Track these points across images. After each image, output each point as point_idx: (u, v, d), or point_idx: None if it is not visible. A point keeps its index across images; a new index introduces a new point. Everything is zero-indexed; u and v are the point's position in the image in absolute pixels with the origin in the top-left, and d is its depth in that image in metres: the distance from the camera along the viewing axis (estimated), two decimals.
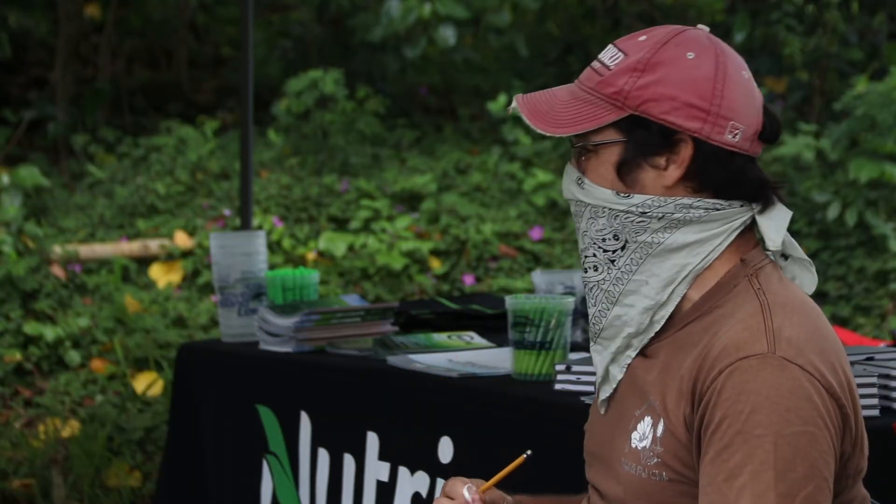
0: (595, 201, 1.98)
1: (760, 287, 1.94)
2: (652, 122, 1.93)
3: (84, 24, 9.58)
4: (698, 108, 1.92)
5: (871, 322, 6.33)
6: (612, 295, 1.99)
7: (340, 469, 3.20)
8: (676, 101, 1.92)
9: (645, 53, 1.94)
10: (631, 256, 1.97)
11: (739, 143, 1.94)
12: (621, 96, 1.93)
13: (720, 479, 1.82)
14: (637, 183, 1.95)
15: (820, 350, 1.87)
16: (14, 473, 5.12)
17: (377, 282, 6.86)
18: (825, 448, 1.83)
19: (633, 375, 2.01)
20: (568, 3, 9.57)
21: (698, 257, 1.96)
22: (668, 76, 1.93)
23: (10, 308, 6.11)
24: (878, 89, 6.70)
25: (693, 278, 1.96)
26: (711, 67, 1.94)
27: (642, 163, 1.94)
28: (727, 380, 1.84)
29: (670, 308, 1.97)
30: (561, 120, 1.96)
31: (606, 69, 1.96)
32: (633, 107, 1.93)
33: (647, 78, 1.93)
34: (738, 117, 1.94)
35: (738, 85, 1.95)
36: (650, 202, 1.94)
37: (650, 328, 1.98)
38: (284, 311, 3.41)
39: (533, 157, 7.76)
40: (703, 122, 1.92)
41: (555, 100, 1.99)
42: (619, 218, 1.96)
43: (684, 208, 1.94)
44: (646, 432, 1.95)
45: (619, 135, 1.95)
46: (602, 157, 1.97)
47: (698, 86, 1.93)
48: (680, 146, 1.93)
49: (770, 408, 1.81)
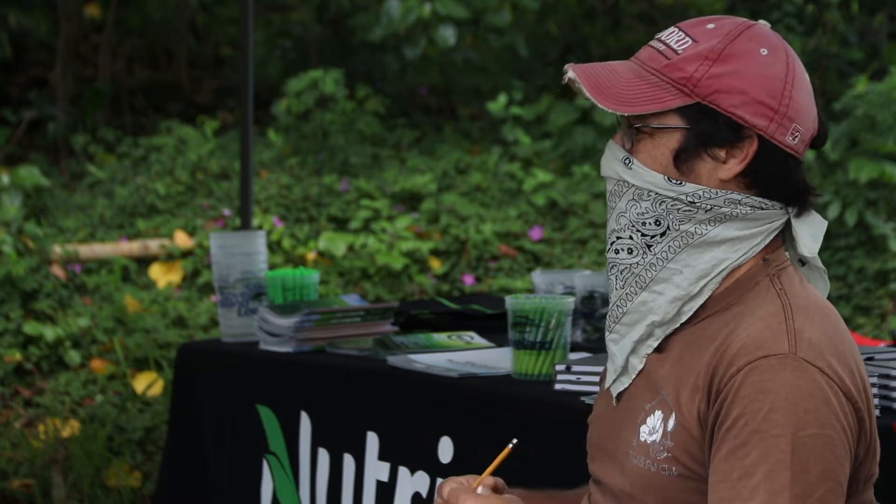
0: (642, 183, 1.95)
1: (783, 288, 1.93)
2: (720, 114, 1.91)
3: (84, 24, 9.58)
4: (767, 106, 1.90)
5: (871, 322, 6.34)
6: (643, 280, 1.97)
7: (340, 469, 3.20)
8: (747, 96, 1.90)
9: (718, 43, 1.92)
10: (669, 244, 1.95)
11: (796, 146, 1.93)
12: (690, 83, 1.91)
13: (734, 476, 1.81)
14: (692, 172, 1.93)
15: (839, 353, 1.87)
16: (14, 473, 5.12)
17: (377, 282, 6.86)
18: (841, 451, 1.83)
19: (646, 368, 2.00)
20: (568, 3, 9.58)
21: (737, 254, 1.95)
22: (742, 69, 1.90)
23: (10, 308, 6.11)
24: (878, 89, 6.70)
25: (727, 274, 1.95)
26: (783, 67, 1.92)
27: (702, 152, 1.92)
28: (746, 377, 1.83)
29: (700, 301, 1.95)
30: (624, 97, 1.92)
31: (674, 52, 1.93)
32: (702, 95, 1.91)
33: (720, 68, 1.90)
34: (801, 120, 1.93)
35: (803, 88, 1.94)
36: (702, 193, 1.93)
37: (676, 319, 1.96)
38: (284, 311, 3.41)
39: (533, 157, 7.76)
40: (770, 121, 1.91)
41: (616, 76, 1.95)
42: (665, 204, 1.94)
43: (732, 203, 1.93)
44: (656, 426, 1.94)
45: (682, 121, 1.92)
46: (659, 140, 1.94)
47: (770, 83, 1.91)
48: (745, 142, 1.91)
49: (788, 408, 1.81)
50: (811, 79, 1.99)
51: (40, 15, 9.60)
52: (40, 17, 9.62)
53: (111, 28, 9.30)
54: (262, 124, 8.38)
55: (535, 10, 8.89)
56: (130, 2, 9.68)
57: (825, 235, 2.03)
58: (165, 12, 9.96)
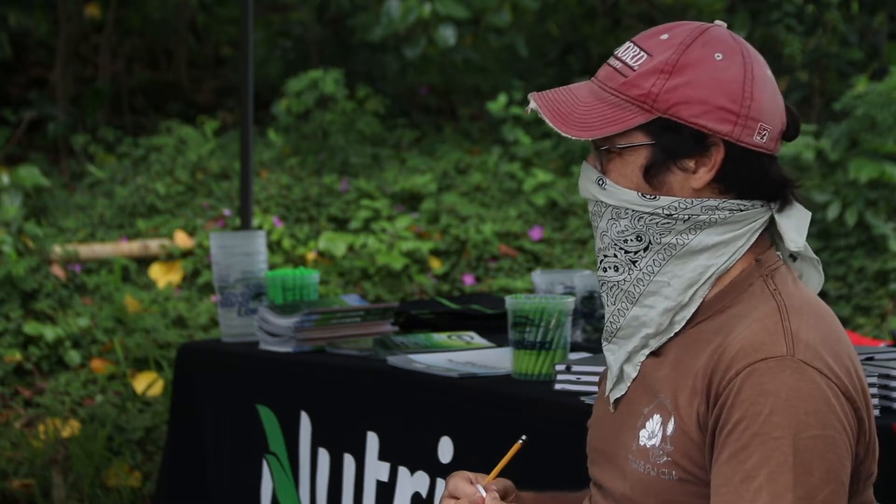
0: (618, 202, 1.96)
1: (776, 288, 1.93)
2: (682, 126, 1.91)
3: (84, 24, 9.58)
4: (728, 111, 1.90)
5: (871, 322, 6.33)
6: (633, 295, 1.98)
7: (340, 469, 3.20)
8: (707, 105, 1.90)
9: (672, 54, 1.92)
10: (654, 258, 1.96)
11: (766, 144, 1.93)
12: (649, 99, 1.91)
13: (737, 479, 1.81)
14: (664, 185, 1.93)
15: (835, 353, 1.87)
16: (14, 473, 5.12)
17: (377, 282, 6.86)
18: (842, 452, 1.83)
19: (643, 372, 2.00)
20: (568, 3, 9.57)
21: (722, 258, 1.95)
22: (698, 78, 1.90)
23: (10, 308, 6.11)
24: (878, 89, 6.70)
25: (715, 280, 1.95)
26: (740, 68, 1.92)
27: (671, 165, 1.93)
28: (745, 380, 1.83)
29: (692, 309, 1.96)
30: (585, 122, 1.93)
31: (630, 70, 1.93)
32: (662, 110, 1.91)
33: (676, 80, 1.91)
34: (766, 118, 1.93)
35: (764, 85, 1.94)
36: (677, 204, 1.93)
37: (669, 329, 1.97)
38: (284, 311, 3.41)
39: (533, 157, 7.76)
40: (734, 125, 1.91)
41: (576, 100, 1.95)
42: (643, 219, 1.95)
43: (710, 210, 1.93)
44: (655, 430, 1.94)
45: (646, 138, 1.92)
46: (627, 159, 1.94)
47: (728, 88, 1.91)
48: (711, 150, 1.91)
49: (789, 410, 1.81)
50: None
51: (40, 15, 9.59)
52: (40, 17, 9.62)
53: (111, 28, 9.29)
54: (262, 124, 8.38)
55: (535, 10, 8.89)
56: (130, 2, 9.68)
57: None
58: (165, 12, 9.95)
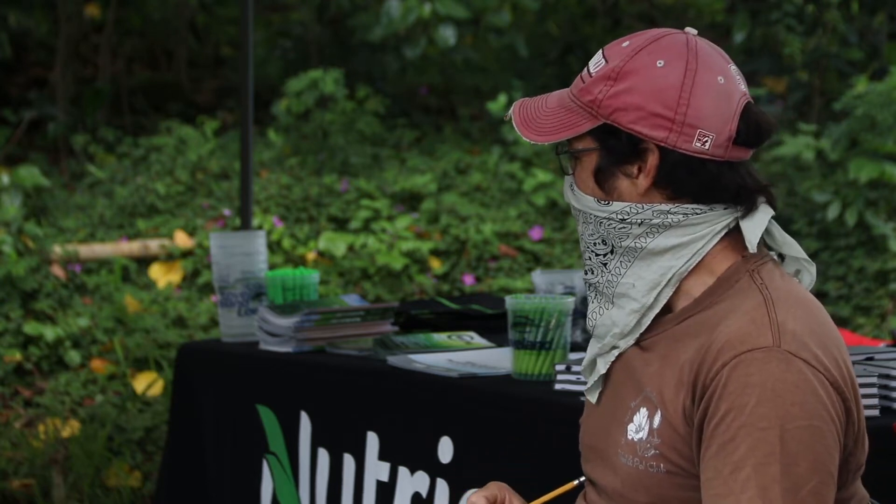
0: (583, 207, 2.02)
1: (763, 282, 1.94)
2: (621, 132, 1.95)
3: (84, 24, 9.58)
4: (663, 118, 1.93)
5: (871, 322, 6.33)
6: (607, 297, 2.03)
7: (340, 469, 3.20)
8: (643, 111, 1.93)
9: (619, 62, 1.96)
10: (619, 260, 2.00)
11: (710, 151, 1.94)
12: (595, 105, 1.96)
13: (725, 471, 1.82)
14: (615, 190, 1.98)
15: (823, 344, 1.88)
16: (14, 473, 5.12)
17: (377, 282, 6.86)
18: (830, 442, 1.84)
19: (630, 367, 2.02)
20: (568, 3, 9.57)
21: (682, 260, 1.97)
22: (637, 85, 1.94)
23: (10, 308, 6.11)
24: (878, 89, 6.70)
25: (678, 280, 1.98)
26: (679, 76, 1.94)
27: (616, 171, 1.97)
28: (731, 372, 1.84)
29: (656, 310, 1.99)
30: (542, 127, 1.99)
31: (589, 76, 1.99)
32: (605, 115, 1.95)
33: (619, 87, 1.95)
34: (706, 125, 1.94)
35: (707, 92, 1.94)
36: (628, 209, 1.97)
37: (635, 329, 2.01)
38: (284, 311, 3.41)
39: (533, 157, 7.76)
40: (669, 132, 1.93)
41: (543, 107, 2.01)
42: (603, 224, 2.00)
43: (661, 214, 1.96)
44: (642, 424, 1.95)
45: (593, 143, 1.98)
46: (584, 164, 2.00)
47: (664, 95, 1.93)
48: (647, 155, 1.95)
49: (775, 401, 1.81)
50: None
51: (40, 15, 9.59)
52: (40, 17, 9.62)
53: (111, 28, 9.29)
54: (262, 124, 8.38)
55: (535, 10, 8.89)
56: (130, 2, 9.68)
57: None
58: (165, 12, 9.95)
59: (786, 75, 7.82)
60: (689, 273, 1.98)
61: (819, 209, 6.60)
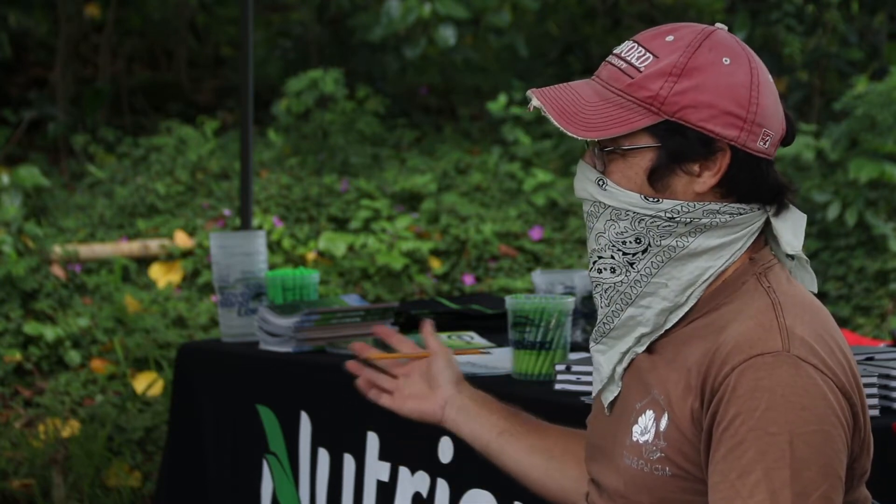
0: (619, 204, 1.95)
1: (770, 286, 1.93)
2: (689, 130, 1.90)
3: (84, 24, 9.58)
4: (736, 116, 1.90)
5: (871, 322, 6.33)
6: (629, 297, 1.98)
7: (340, 469, 3.19)
8: (715, 109, 1.90)
9: (680, 57, 1.91)
10: (652, 260, 1.95)
11: (768, 150, 1.94)
12: (657, 101, 1.90)
13: (733, 475, 1.81)
14: (668, 188, 1.93)
15: (830, 350, 1.87)
16: (14, 473, 5.12)
17: (377, 282, 6.86)
18: (839, 447, 1.83)
19: (637, 369, 2.00)
20: (568, 3, 9.58)
21: (720, 261, 1.95)
22: (706, 83, 1.90)
23: (10, 308, 6.11)
24: (878, 89, 6.70)
25: (711, 281, 1.95)
26: (747, 74, 1.92)
27: (676, 169, 1.92)
28: (741, 376, 1.83)
29: (686, 308, 1.96)
30: (592, 123, 1.92)
31: (636, 70, 1.92)
32: (669, 113, 1.90)
33: (685, 83, 1.90)
34: (770, 124, 1.93)
35: (769, 91, 1.94)
36: (680, 207, 1.93)
37: (662, 327, 1.98)
38: (284, 311, 3.41)
39: (533, 157, 7.76)
40: (741, 131, 1.91)
41: (581, 100, 1.94)
42: (643, 222, 1.94)
43: (711, 213, 1.93)
44: (648, 426, 1.94)
45: (652, 140, 1.92)
46: (631, 161, 1.93)
47: (736, 93, 1.90)
48: (718, 154, 1.91)
49: (785, 406, 1.81)
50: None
51: (40, 15, 9.60)
52: (40, 17, 9.62)
53: (111, 28, 9.30)
54: (262, 124, 8.38)
55: (535, 10, 8.89)
56: (130, 2, 9.68)
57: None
58: (165, 12, 9.96)
59: (786, 75, 7.82)
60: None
61: (819, 209, 6.60)
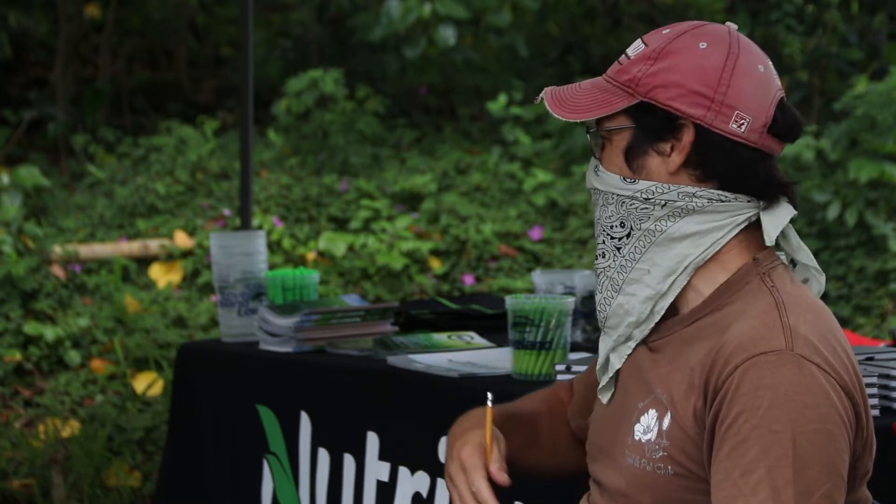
0: (606, 188, 2.00)
1: (774, 285, 1.94)
2: (658, 108, 1.95)
3: (84, 24, 9.58)
4: (702, 96, 1.93)
5: (871, 322, 6.33)
6: (617, 283, 2.00)
7: (340, 469, 3.19)
8: (682, 88, 1.94)
9: (661, 43, 1.98)
10: (635, 244, 1.98)
11: (746, 135, 1.94)
12: (633, 83, 1.96)
13: (736, 473, 1.81)
14: (643, 169, 1.97)
15: (833, 350, 1.88)
16: (14, 473, 5.12)
17: (377, 282, 6.86)
18: (842, 446, 1.84)
19: (639, 368, 2.01)
20: (568, 3, 9.58)
21: (700, 248, 1.96)
22: (678, 64, 1.95)
23: (10, 308, 6.11)
24: (878, 89, 6.70)
25: (693, 269, 1.97)
26: (722, 57, 1.95)
27: (648, 149, 1.96)
28: (744, 375, 1.84)
29: (670, 299, 1.98)
30: (576, 106, 1.99)
31: (627, 59, 1.99)
32: (642, 93, 1.96)
33: (659, 65, 1.96)
34: (745, 107, 1.94)
35: (747, 77, 1.96)
36: (654, 188, 1.96)
37: (650, 318, 1.99)
38: (284, 311, 3.41)
39: (533, 157, 7.76)
40: (707, 110, 1.93)
41: (577, 90, 2.02)
42: (625, 204, 1.98)
43: (687, 196, 1.95)
44: (650, 425, 1.95)
45: (628, 121, 1.98)
46: (614, 143, 1.99)
47: (705, 74, 1.94)
48: (683, 131, 1.94)
49: (788, 404, 1.81)
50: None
51: (40, 15, 9.59)
52: (40, 17, 9.62)
53: (111, 28, 9.29)
54: (262, 124, 8.38)
55: (535, 10, 8.89)
56: (130, 2, 9.68)
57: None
58: (165, 12, 9.95)
59: (786, 75, 7.82)
60: (702, 265, 1.97)
61: (819, 209, 6.60)
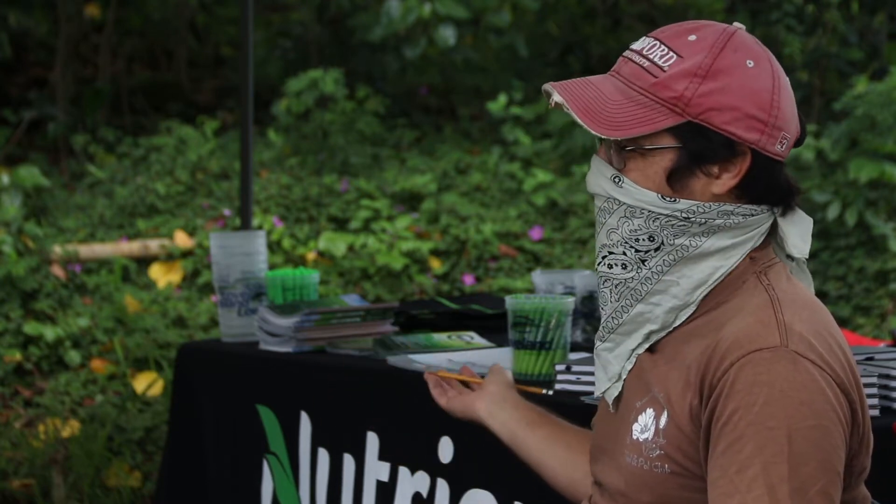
0: (634, 202, 1.95)
1: (770, 283, 1.94)
2: (712, 132, 1.90)
3: (84, 24, 9.58)
4: (758, 120, 1.91)
5: (871, 322, 6.33)
6: (639, 293, 1.98)
7: (340, 469, 3.19)
8: (738, 112, 1.90)
9: (704, 58, 1.92)
10: (664, 258, 1.96)
11: (783, 152, 1.94)
12: (682, 102, 1.90)
13: (732, 470, 1.81)
14: (686, 188, 1.93)
15: (829, 347, 1.88)
16: (14, 473, 5.12)
17: (377, 282, 6.86)
18: (838, 442, 1.83)
19: (638, 368, 2.01)
20: (568, 3, 9.58)
21: (730, 260, 1.95)
22: (731, 85, 1.90)
23: (10, 308, 6.11)
24: (878, 89, 6.70)
25: (723, 279, 1.96)
26: (769, 78, 1.93)
27: (696, 170, 1.92)
28: (739, 372, 1.84)
29: (693, 308, 1.97)
30: (615, 121, 1.91)
31: (660, 69, 1.92)
32: (693, 114, 1.90)
33: (710, 85, 1.90)
34: (788, 127, 1.94)
35: (787, 94, 1.95)
36: (696, 208, 1.93)
37: (670, 325, 1.98)
38: (284, 311, 3.41)
39: (533, 157, 7.76)
40: (762, 134, 1.91)
41: (603, 96, 1.94)
42: (658, 220, 1.94)
43: (725, 215, 1.94)
44: (647, 424, 1.95)
45: (674, 140, 1.92)
46: (651, 160, 1.93)
47: (759, 97, 1.91)
48: (739, 157, 1.92)
49: (783, 401, 1.81)
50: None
51: (40, 15, 9.60)
52: (40, 17, 9.62)
53: (111, 28, 9.30)
54: (262, 124, 8.39)
55: (535, 10, 8.89)
56: (130, 2, 9.68)
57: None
58: (165, 12, 9.95)
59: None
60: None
61: (819, 209, 6.60)
